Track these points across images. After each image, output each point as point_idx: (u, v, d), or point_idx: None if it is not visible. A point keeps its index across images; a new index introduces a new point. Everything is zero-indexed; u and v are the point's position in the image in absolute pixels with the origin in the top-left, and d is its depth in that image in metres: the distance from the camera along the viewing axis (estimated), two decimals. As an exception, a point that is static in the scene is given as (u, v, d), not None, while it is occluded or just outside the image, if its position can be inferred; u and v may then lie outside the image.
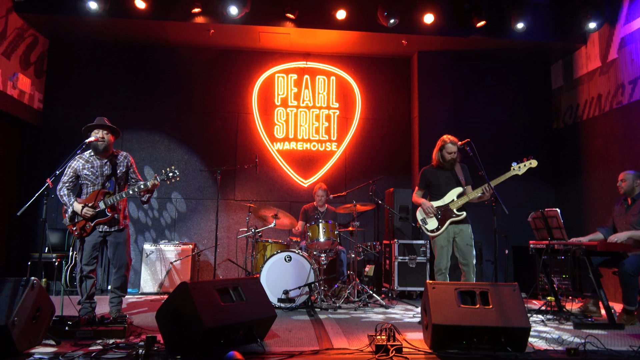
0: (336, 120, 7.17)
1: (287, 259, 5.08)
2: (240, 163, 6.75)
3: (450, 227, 4.56)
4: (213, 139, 6.94)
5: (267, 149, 7.02)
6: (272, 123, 7.07)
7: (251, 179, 6.92)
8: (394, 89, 7.42)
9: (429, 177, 4.62)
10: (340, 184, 7.07)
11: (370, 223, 6.92)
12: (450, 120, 7.05)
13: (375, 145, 7.25)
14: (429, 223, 4.65)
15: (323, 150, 7.10)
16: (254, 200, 6.74)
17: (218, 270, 6.59)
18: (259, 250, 5.54)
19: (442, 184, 4.54)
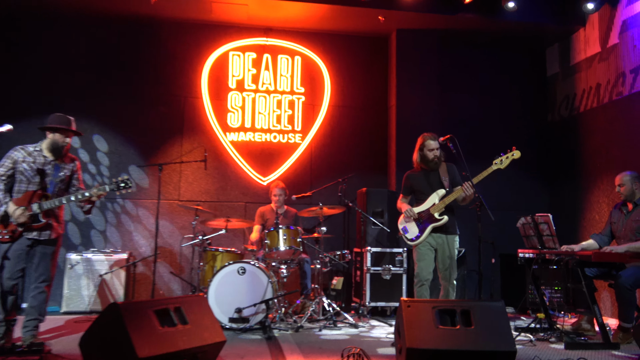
0: (301, 107, 7.16)
1: (241, 272, 5.07)
2: (187, 157, 6.65)
3: (433, 236, 4.66)
4: (154, 127, 6.81)
5: (218, 141, 6.93)
6: (225, 110, 6.98)
7: (199, 176, 6.84)
8: (368, 72, 7.43)
9: (412, 181, 4.77)
10: (304, 182, 7.07)
11: (339, 229, 6.93)
12: (433, 110, 7.14)
13: (347, 137, 7.27)
14: (409, 231, 4.75)
15: (285, 142, 7.08)
16: (203, 201, 6.67)
17: (158, 285, 6.51)
18: (207, 260, 5.49)
19: (426, 188, 4.68)
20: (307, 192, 6.67)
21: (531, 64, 7.75)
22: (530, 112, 7.69)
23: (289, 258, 5.43)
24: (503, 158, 4.51)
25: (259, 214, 6.23)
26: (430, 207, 4.65)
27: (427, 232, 4.63)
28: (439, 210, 4.62)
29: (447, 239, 4.64)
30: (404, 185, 4.86)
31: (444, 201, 4.59)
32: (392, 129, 7.24)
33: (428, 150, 4.67)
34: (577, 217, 6.96)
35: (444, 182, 4.67)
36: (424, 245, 4.66)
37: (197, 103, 6.96)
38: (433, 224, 4.62)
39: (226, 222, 5.53)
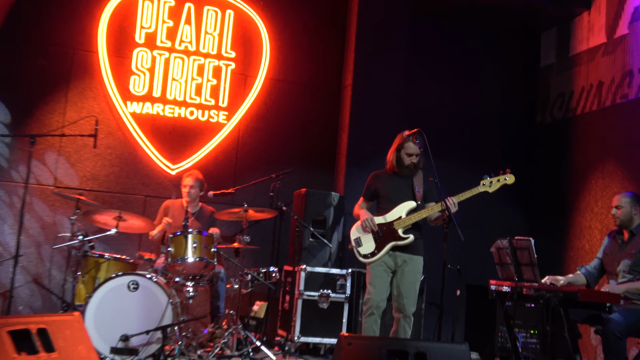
0: (229, 77, 7.14)
1: (132, 287, 5.01)
2: (70, 129, 6.47)
3: (393, 255, 4.77)
4: (28, 86, 6.62)
5: (115, 111, 6.82)
6: (127, 71, 6.85)
7: (85, 156, 6.73)
8: (321, 41, 7.43)
9: (378, 183, 4.94)
10: (227, 175, 7.04)
11: (267, 239, 6.91)
12: (398, 97, 7.20)
13: (286, 122, 7.29)
14: (363, 244, 4.83)
15: (205, 121, 7.05)
16: (88, 190, 6.55)
17: (17, 300, 6.25)
18: (87, 269, 5.36)
19: (394, 195, 4.83)
20: (229, 188, 6.63)
21: (522, 50, 8.01)
22: (516, 110, 7.94)
23: (198, 273, 5.39)
24: (493, 180, 4.70)
25: (163, 208, 6.20)
26: (395, 220, 4.77)
27: (385, 249, 4.74)
28: (404, 227, 4.75)
29: (409, 261, 4.75)
30: (367, 186, 5.00)
31: (413, 217, 4.75)
32: (345, 115, 7.29)
33: (406, 154, 4.83)
34: (563, 244, 7.24)
35: (416, 193, 4.81)
36: (379, 265, 4.75)
37: (90, 59, 6.79)
38: (394, 242, 4.74)
39: (117, 220, 5.39)
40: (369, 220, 4.77)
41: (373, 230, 4.77)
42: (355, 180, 7.01)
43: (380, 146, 7.11)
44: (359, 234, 4.89)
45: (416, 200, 4.80)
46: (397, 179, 4.86)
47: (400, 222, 4.74)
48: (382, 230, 4.77)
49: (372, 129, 7.10)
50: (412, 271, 4.74)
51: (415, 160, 4.83)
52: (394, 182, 4.86)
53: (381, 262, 4.74)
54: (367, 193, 5.02)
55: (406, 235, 4.72)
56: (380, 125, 7.03)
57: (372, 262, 4.77)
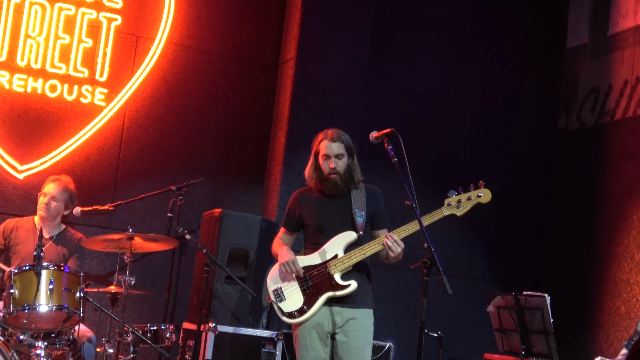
0: (112, 37, 7.12)
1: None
2: None
3: (328, 311, 4.75)
4: None
5: None
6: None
7: None
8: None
9: (303, 207, 5.01)
10: (103, 184, 7.05)
11: (160, 281, 6.86)
12: (362, 79, 7.25)
13: (196, 109, 7.36)
14: (286, 298, 4.79)
15: (74, 100, 7.00)
16: None
17: None
18: None
19: (326, 224, 4.88)
20: (105, 203, 6.50)
21: (541, 25, 8.14)
22: (531, 109, 8.05)
23: (54, 329, 5.26)
24: (462, 198, 4.73)
25: (3, 230, 6.11)
26: (329, 260, 4.78)
27: (318, 303, 4.73)
28: (343, 270, 4.76)
29: (354, 319, 4.74)
30: (289, 210, 5.09)
31: (353, 255, 4.77)
32: (283, 103, 7.35)
33: (323, 157, 4.88)
34: (589, 305, 7.32)
35: (356, 218, 4.83)
36: (311, 328, 4.75)
37: None
38: (329, 293, 4.74)
39: None
40: (289, 262, 4.75)
41: (298, 277, 4.77)
42: (295, 199, 7.05)
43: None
44: (278, 283, 4.87)
45: (356, 229, 4.83)
46: (328, 201, 4.90)
47: (336, 262, 4.76)
48: (312, 275, 4.77)
49: (323, 124, 7.03)
50: (359, 332, 4.74)
51: (341, 166, 4.84)
52: (324, 205, 4.90)
53: (314, 323, 4.74)
54: (288, 221, 5.06)
55: (346, 283, 4.74)
56: (336, 119, 7.02)
57: (300, 322, 4.75)
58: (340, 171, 4.82)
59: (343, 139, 4.83)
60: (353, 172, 4.88)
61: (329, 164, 4.82)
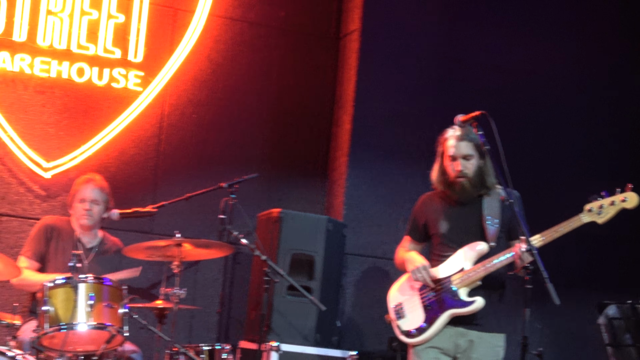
0: (147, 10, 7.15)
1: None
2: None
3: (449, 332, 4.85)
4: None
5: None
6: (-34, -4, 6.75)
7: None
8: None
9: (429, 215, 5.16)
10: (142, 183, 7.13)
11: (212, 293, 6.92)
12: (437, 54, 7.27)
13: (246, 92, 7.36)
14: (407, 314, 4.93)
15: (105, 86, 7.05)
16: None
17: None
18: None
19: (452, 234, 5.01)
20: (146, 204, 6.56)
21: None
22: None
23: (96, 350, 5.27)
24: (605, 203, 4.76)
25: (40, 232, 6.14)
26: (454, 274, 4.89)
27: (439, 322, 4.83)
28: (469, 285, 4.85)
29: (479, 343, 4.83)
30: (413, 217, 5.29)
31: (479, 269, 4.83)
32: (347, 82, 7.33)
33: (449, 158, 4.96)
34: None
35: (487, 227, 4.90)
36: (429, 349, 4.85)
37: None
38: (452, 311, 4.83)
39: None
40: (421, 268, 4.88)
41: (421, 292, 4.91)
42: (364, 196, 7.10)
43: (413, 138, 7.20)
44: (399, 298, 5.00)
45: (486, 239, 4.89)
46: (456, 207, 5.00)
47: (461, 277, 4.85)
48: (435, 291, 4.86)
49: (394, 105, 7.18)
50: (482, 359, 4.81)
51: (470, 167, 4.91)
52: (451, 212, 5.00)
53: (433, 343, 4.83)
54: (413, 229, 5.23)
55: (472, 299, 4.79)
56: (408, 99, 7.16)
57: (418, 343, 4.83)
58: (468, 174, 4.90)
59: (472, 137, 4.80)
60: (485, 174, 4.94)
61: (455, 165, 4.89)
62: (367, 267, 7.11)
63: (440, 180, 5.02)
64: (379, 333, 6.72)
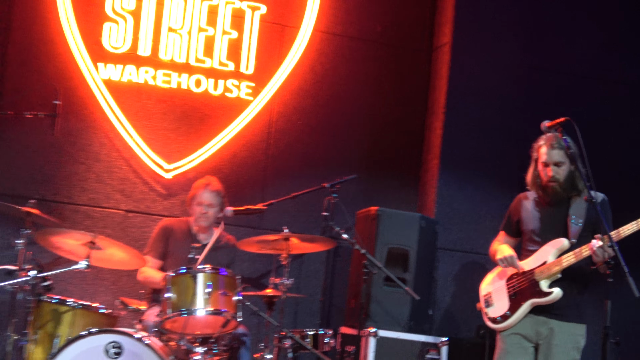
0: (258, 28, 7.24)
1: (113, 352, 5.09)
2: (13, 105, 6.51)
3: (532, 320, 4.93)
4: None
5: (81, 79, 6.95)
6: (99, 15, 6.99)
7: (37, 147, 6.90)
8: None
9: (523, 213, 5.26)
10: (252, 182, 7.21)
11: (315, 283, 6.98)
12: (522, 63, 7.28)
13: (346, 100, 7.44)
14: (494, 303, 5.04)
15: (219, 95, 7.17)
16: (39, 198, 6.28)
17: None
18: (42, 322, 5.38)
19: (540, 231, 5.10)
20: (256, 202, 6.59)
21: None
22: None
23: (212, 334, 5.42)
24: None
25: (160, 232, 6.30)
26: (537, 267, 4.95)
27: (521, 310, 4.94)
28: (549, 277, 4.91)
29: (558, 331, 4.87)
30: (508, 214, 5.41)
31: (559, 262, 4.88)
32: (439, 91, 7.40)
33: (542, 164, 5.03)
34: None
35: (571, 225, 4.97)
36: (513, 335, 4.94)
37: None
38: (532, 300, 4.92)
39: (90, 247, 5.37)
40: (508, 258, 5.03)
41: (509, 282, 5.04)
42: (455, 195, 7.14)
43: (499, 141, 7.21)
44: (489, 288, 5.14)
45: (569, 236, 4.92)
46: (545, 207, 5.11)
47: (542, 269, 4.90)
48: (520, 281, 4.96)
49: (482, 112, 7.25)
50: (561, 347, 4.85)
51: (560, 173, 4.96)
52: (541, 212, 5.11)
53: (517, 330, 4.93)
54: (507, 225, 5.36)
55: (550, 290, 4.85)
56: (495, 105, 7.19)
57: (502, 329, 4.95)
58: (559, 179, 4.96)
59: (563, 145, 4.82)
60: (575, 179, 4.97)
61: (547, 171, 4.95)
62: (456, 261, 7.13)
63: (533, 183, 5.11)
64: (467, 321, 6.75)
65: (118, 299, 5.98)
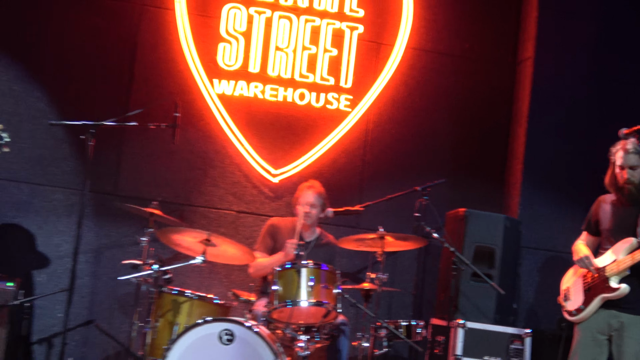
0: (355, 46, 7.31)
1: (226, 338, 5.18)
2: (139, 116, 6.44)
3: (604, 314, 4.97)
4: (83, 56, 7.03)
5: (198, 94, 7.12)
6: (214, 36, 7.16)
7: (157, 154, 7.06)
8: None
9: (601, 214, 5.28)
10: (350, 186, 7.23)
11: (407, 277, 6.98)
12: (601, 76, 7.23)
13: (435, 110, 7.46)
14: (571, 297, 5.09)
15: (321, 107, 7.25)
16: (161, 200, 6.48)
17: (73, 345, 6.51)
18: (163, 311, 5.56)
19: (614, 231, 5.12)
20: (354, 204, 6.64)
21: None
22: None
23: (314, 323, 5.49)
24: None
25: (268, 229, 6.36)
26: (608, 264, 4.99)
27: (593, 305, 5.00)
28: (618, 274, 4.93)
29: (630, 325, 4.89)
30: (589, 216, 5.41)
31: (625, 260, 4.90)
32: (522, 102, 7.38)
33: (619, 168, 5.04)
34: None
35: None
36: (587, 328, 4.97)
37: (163, 18, 7.13)
38: (603, 295, 4.97)
39: (205, 244, 5.51)
40: (584, 258, 5.08)
41: (584, 278, 5.07)
42: (537, 198, 7.09)
43: (578, 147, 7.15)
44: (568, 282, 5.24)
45: (636, 235, 4.94)
46: (620, 208, 5.12)
47: (612, 266, 4.93)
48: (593, 278, 5.01)
49: (564, 121, 7.20)
50: (633, 339, 4.86)
51: (636, 176, 4.97)
52: (615, 212, 5.14)
53: (590, 322, 5.00)
54: (588, 225, 5.37)
55: (618, 285, 4.88)
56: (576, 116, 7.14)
57: (577, 322, 5.04)
58: (635, 181, 4.97)
59: (638, 150, 4.87)
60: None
61: (623, 174, 4.95)
62: (539, 258, 7.05)
63: (611, 184, 5.12)
64: (549, 314, 6.67)
65: (230, 290, 6.11)
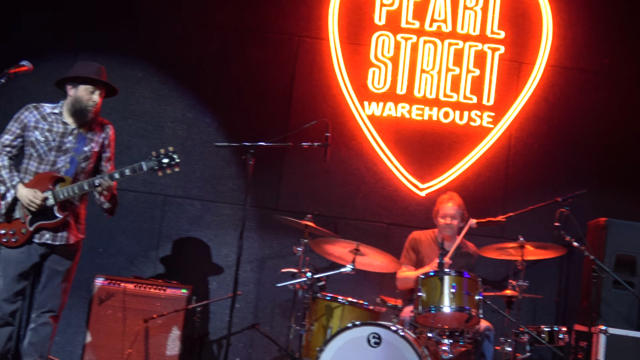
0: (497, 65, 7.22)
1: (374, 341, 5.17)
2: (295, 138, 6.58)
3: None
4: (247, 85, 7.24)
5: (350, 115, 7.20)
6: (365, 62, 7.21)
7: (312, 172, 7.16)
8: (621, 12, 7.27)
9: None
10: (493, 198, 7.16)
11: (549, 286, 6.82)
12: None
13: (575, 125, 7.25)
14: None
15: (464, 125, 7.20)
16: (317, 214, 6.59)
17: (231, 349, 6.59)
18: (317, 315, 5.63)
19: None
20: (497, 215, 6.50)
21: None
22: None
23: (457, 328, 5.42)
24: None
25: (410, 243, 6.33)
26: None
27: None
28: None
29: None
30: None
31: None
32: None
33: None
34: None
35: None
36: None
37: (318, 48, 7.25)
38: None
39: (355, 254, 5.56)
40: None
41: None
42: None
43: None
44: None
45: None
46: None
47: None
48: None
49: None
50: None
51: None
52: None
53: None
54: None
55: None
56: None
57: None
58: None
59: None
60: None
61: None
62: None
63: None
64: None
65: (379, 297, 6.12)
